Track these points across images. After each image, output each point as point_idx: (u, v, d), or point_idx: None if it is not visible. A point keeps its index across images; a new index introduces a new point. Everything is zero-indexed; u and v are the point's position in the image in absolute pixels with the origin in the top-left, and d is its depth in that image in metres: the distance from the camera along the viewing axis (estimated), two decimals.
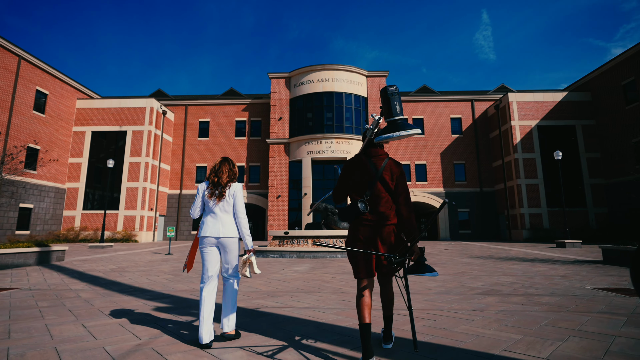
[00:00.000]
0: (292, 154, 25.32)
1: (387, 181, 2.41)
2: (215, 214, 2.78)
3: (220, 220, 2.76)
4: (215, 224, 2.75)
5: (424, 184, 27.15)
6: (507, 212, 25.28)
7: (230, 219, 2.80)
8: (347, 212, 2.39)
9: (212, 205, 2.78)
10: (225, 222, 2.77)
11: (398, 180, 2.44)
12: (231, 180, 2.85)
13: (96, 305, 4.34)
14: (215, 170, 2.83)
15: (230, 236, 2.76)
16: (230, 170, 2.86)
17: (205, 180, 2.91)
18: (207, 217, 2.80)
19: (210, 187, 2.80)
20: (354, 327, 3.25)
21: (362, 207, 2.32)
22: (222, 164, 2.86)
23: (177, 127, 28.37)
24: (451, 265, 9.08)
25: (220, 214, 2.78)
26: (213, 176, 2.82)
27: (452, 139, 27.79)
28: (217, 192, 2.77)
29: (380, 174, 2.41)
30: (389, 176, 2.42)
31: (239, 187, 2.87)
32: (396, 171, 2.46)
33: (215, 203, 2.77)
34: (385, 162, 2.46)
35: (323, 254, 11.45)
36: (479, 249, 15.37)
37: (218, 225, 2.74)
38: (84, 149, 24.43)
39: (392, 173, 2.44)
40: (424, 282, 6.29)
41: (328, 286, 6.02)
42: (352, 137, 24.55)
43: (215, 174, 2.82)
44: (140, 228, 23.40)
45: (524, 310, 3.93)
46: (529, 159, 24.17)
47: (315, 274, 7.65)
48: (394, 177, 2.44)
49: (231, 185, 2.84)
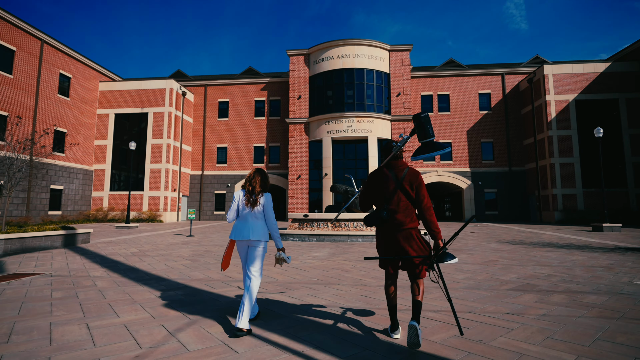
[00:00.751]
0: (311, 133, 24.82)
1: (407, 190, 2.71)
2: (247, 219, 3.14)
3: (250, 226, 3.10)
4: (246, 228, 3.09)
5: (448, 163, 26.10)
6: (537, 192, 24.00)
7: (259, 224, 3.13)
8: (372, 219, 2.70)
9: (245, 212, 3.15)
10: (255, 227, 3.09)
11: (417, 189, 2.71)
12: (263, 190, 3.18)
13: (108, 298, 4.23)
14: (249, 180, 3.17)
15: (257, 239, 3.08)
16: (262, 181, 3.17)
17: (241, 188, 3.29)
18: (240, 222, 3.17)
19: (246, 195, 3.15)
20: (376, 334, 2.91)
21: (384, 215, 2.65)
22: (255, 175, 3.18)
23: (197, 108, 28.35)
24: (479, 252, 8.56)
25: (251, 219, 3.13)
26: (248, 185, 3.16)
27: (479, 116, 26.32)
28: (251, 200, 3.12)
29: (401, 183, 2.72)
30: (408, 185, 2.72)
31: (269, 197, 3.21)
32: (415, 181, 2.73)
33: (249, 210, 3.14)
34: (405, 172, 2.74)
35: (343, 238, 11.17)
36: (507, 233, 14.64)
37: (248, 230, 3.08)
38: (108, 131, 24.91)
39: (412, 182, 2.73)
40: (452, 274, 5.87)
41: (348, 277, 5.71)
42: (374, 116, 23.68)
43: (250, 183, 3.16)
44: (164, 209, 23.96)
45: (569, 315, 3.46)
46: (564, 136, 22.55)
47: (335, 261, 7.37)
48: (413, 186, 2.71)
49: (263, 194, 3.16)
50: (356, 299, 4.18)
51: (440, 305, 3.83)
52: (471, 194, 25.69)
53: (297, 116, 25.23)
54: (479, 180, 25.73)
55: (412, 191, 2.72)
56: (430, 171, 25.94)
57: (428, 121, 2.57)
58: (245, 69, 29.65)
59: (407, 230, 2.69)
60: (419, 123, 2.58)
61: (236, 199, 3.19)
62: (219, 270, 6.32)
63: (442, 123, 26.45)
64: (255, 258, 3.10)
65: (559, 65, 23.27)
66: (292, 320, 3.30)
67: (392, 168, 2.83)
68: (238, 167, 27.41)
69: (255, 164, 27.33)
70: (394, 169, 2.82)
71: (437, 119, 26.50)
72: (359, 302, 4.02)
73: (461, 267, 6.50)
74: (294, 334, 2.91)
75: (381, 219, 2.66)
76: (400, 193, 2.73)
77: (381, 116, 23.86)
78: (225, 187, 27.32)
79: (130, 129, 25.24)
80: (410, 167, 2.84)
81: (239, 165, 27.42)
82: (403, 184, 2.73)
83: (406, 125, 24.28)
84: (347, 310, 3.66)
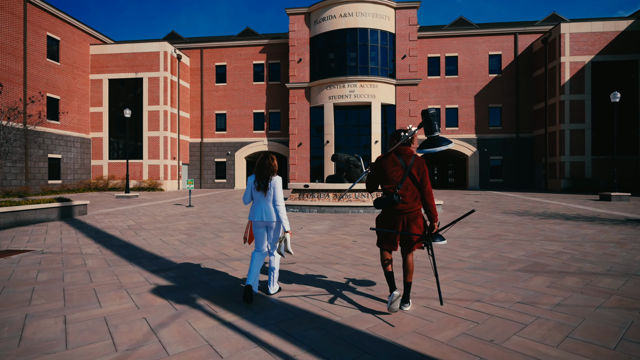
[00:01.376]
0: (313, 99, 23.93)
1: (414, 175, 2.93)
2: (261, 202, 3.36)
3: (265, 208, 3.34)
4: (262, 211, 3.34)
5: (454, 129, 25.34)
6: (545, 160, 23.45)
7: (271, 206, 3.35)
8: (383, 202, 2.91)
9: (258, 195, 3.37)
10: (268, 209, 3.34)
11: (422, 175, 2.94)
12: (272, 173, 3.34)
13: (95, 281, 4.01)
14: (258, 166, 3.37)
15: (272, 220, 3.35)
16: (270, 165, 3.33)
17: (253, 173, 3.45)
18: (256, 204, 3.40)
19: (256, 180, 3.36)
20: (377, 334, 2.66)
21: (396, 199, 2.86)
22: (263, 160, 3.35)
23: (193, 72, 27.23)
24: (484, 225, 8.31)
25: (264, 202, 3.36)
26: (257, 170, 3.35)
27: (488, 80, 25.15)
28: (262, 185, 3.32)
29: (409, 170, 2.91)
30: (415, 171, 2.93)
31: (278, 179, 3.38)
32: (422, 167, 2.95)
33: (261, 194, 3.34)
34: (412, 159, 2.94)
35: (344, 208, 10.93)
36: (512, 202, 14.37)
37: (264, 212, 3.34)
38: (102, 97, 24.12)
39: (419, 168, 2.94)
40: (457, 251, 5.62)
41: (348, 255, 5.48)
42: (378, 80, 22.64)
43: (259, 169, 3.34)
44: (164, 177, 23.75)
45: (587, 304, 3.19)
46: (577, 100, 21.58)
47: (335, 235, 7.14)
48: (419, 172, 2.94)
49: (272, 177, 3.33)
50: (357, 284, 3.93)
51: (445, 292, 3.57)
52: (476, 161, 25.19)
53: (298, 81, 24.21)
54: (484, 147, 25.11)
55: (418, 177, 2.95)
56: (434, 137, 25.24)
57: (435, 117, 2.72)
58: (242, 29, 28.10)
59: (414, 212, 2.97)
60: (427, 119, 2.74)
61: (249, 184, 3.44)
62: (215, 246, 6.11)
63: (449, 87, 25.35)
64: (275, 236, 3.46)
65: (577, 23, 21.77)
66: (286, 312, 3.05)
67: (400, 154, 3.00)
68: (238, 135, 26.81)
69: (255, 131, 26.70)
70: (402, 155, 3.00)
71: (444, 83, 25.37)
72: (360, 288, 3.78)
73: (466, 243, 6.25)
74: (287, 330, 2.66)
75: (392, 202, 2.89)
76: (408, 179, 2.95)
77: (385, 80, 22.82)
78: (225, 155, 26.92)
79: (125, 96, 24.42)
80: (416, 154, 3.03)
81: (239, 132, 26.81)
82: (411, 171, 2.94)
83: (411, 91, 23.32)
84: (346, 300, 3.42)
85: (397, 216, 2.94)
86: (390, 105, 23.53)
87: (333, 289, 3.72)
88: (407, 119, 23.24)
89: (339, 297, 3.44)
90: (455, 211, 11.35)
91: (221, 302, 3.29)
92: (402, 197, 2.92)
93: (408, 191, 2.94)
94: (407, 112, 23.28)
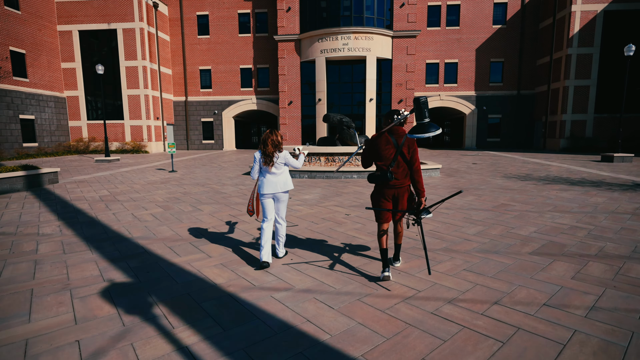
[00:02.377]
0: (303, 53, 22.22)
1: (405, 154, 3.16)
2: (269, 175, 3.52)
3: (272, 181, 3.52)
4: (270, 183, 3.51)
5: (452, 86, 24.10)
6: (545, 118, 22.64)
7: (281, 179, 3.55)
8: (377, 178, 3.13)
9: (266, 169, 3.53)
10: (278, 182, 3.53)
11: (412, 154, 3.16)
12: (276, 147, 3.48)
13: (38, 277, 3.35)
14: (263, 141, 3.48)
15: (281, 191, 3.55)
16: (273, 141, 3.47)
17: (259, 149, 3.56)
18: (264, 177, 3.55)
19: (262, 156, 3.50)
20: None
21: (389, 176, 3.07)
22: (267, 136, 3.48)
23: (172, 23, 24.89)
24: (487, 193, 7.73)
25: (271, 176, 3.52)
26: (262, 146, 3.48)
27: (491, 31, 23.46)
28: (268, 160, 3.46)
29: (401, 149, 3.12)
30: (406, 150, 3.16)
31: (284, 153, 3.55)
32: (412, 147, 3.18)
33: (268, 168, 3.51)
34: (404, 139, 3.15)
35: (337, 174, 10.24)
36: (511, 164, 13.81)
37: (273, 185, 3.51)
38: (74, 52, 22.07)
39: (409, 147, 3.16)
40: (462, 227, 5.05)
41: (340, 232, 4.88)
42: (374, 31, 20.90)
43: (264, 144, 3.47)
44: (148, 138, 22.56)
45: (628, 308, 2.63)
46: (584, 54, 20.30)
47: (326, 207, 6.51)
48: (410, 151, 3.16)
49: (279, 154, 3.51)
50: (349, 276, 3.34)
51: (456, 288, 2.99)
52: (474, 120, 24.29)
53: (287, 32, 22.30)
54: (483, 105, 24.09)
55: (409, 155, 3.14)
56: (432, 95, 24.10)
57: (426, 105, 2.81)
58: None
59: (404, 188, 3.20)
60: (418, 106, 2.82)
61: (257, 159, 3.56)
62: (191, 222, 5.46)
63: (449, 40, 23.67)
64: (281, 207, 3.67)
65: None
66: (260, 328, 2.44)
67: (393, 133, 3.17)
68: (224, 92, 25.24)
69: (242, 88, 25.11)
70: (394, 135, 3.16)
71: (444, 35, 23.64)
72: (355, 283, 3.18)
73: (470, 216, 5.67)
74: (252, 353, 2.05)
75: (387, 180, 3.07)
76: (399, 157, 3.14)
77: (381, 32, 21.09)
78: (212, 115, 25.54)
79: (99, 49, 22.39)
80: (407, 134, 3.06)
81: (225, 89, 25.20)
82: (402, 150, 3.12)
83: (409, 43, 21.71)
84: (331, 295, 2.82)
85: (389, 190, 3.18)
86: (386, 60, 22.02)
87: (323, 281, 3.12)
88: (404, 74, 21.89)
89: (329, 295, 2.84)
90: (453, 175, 10.75)
91: (183, 310, 2.67)
92: (394, 174, 3.13)
93: (399, 168, 3.14)
94: (404, 67, 21.86)
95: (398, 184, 3.15)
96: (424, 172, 10.50)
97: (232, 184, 9.47)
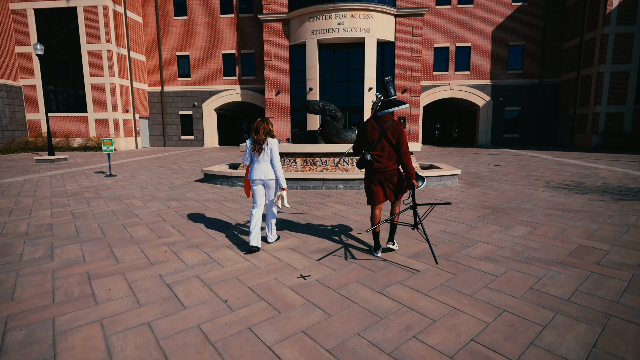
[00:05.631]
0: (292, 35, 19.26)
1: (389, 138, 3.27)
2: (259, 162, 3.67)
3: (262, 169, 3.65)
4: (260, 170, 3.65)
5: (464, 74, 21.05)
6: (573, 111, 19.58)
7: (269, 166, 3.68)
8: (360, 162, 3.33)
9: (255, 156, 3.67)
10: (267, 169, 3.67)
11: (398, 137, 3.26)
12: (266, 135, 3.62)
13: None
14: (255, 129, 3.62)
15: (270, 178, 3.69)
16: (265, 129, 3.61)
17: (250, 137, 3.70)
18: (254, 164, 3.71)
19: (252, 143, 3.63)
20: None
21: (369, 157, 3.27)
22: (259, 124, 3.64)
23: (145, 2, 21.94)
24: (540, 219, 4.80)
25: (262, 163, 3.66)
26: (253, 134, 3.63)
27: (510, 10, 20.35)
28: (257, 147, 3.60)
29: (385, 133, 3.27)
30: (391, 134, 3.27)
31: (274, 142, 3.66)
32: (397, 130, 3.27)
33: (257, 155, 3.64)
34: (389, 123, 3.29)
35: (317, 183, 7.38)
36: (545, 166, 10.87)
37: (262, 171, 3.65)
38: (30, 33, 19.28)
39: (394, 132, 3.27)
40: (529, 314, 2.16)
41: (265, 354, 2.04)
42: (373, 8, 17.89)
43: (255, 132, 3.61)
44: (116, 134, 19.76)
45: None
46: (624, 34, 17.18)
47: (272, 253, 3.60)
48: (395, 135, 3.26)
49: (268, 140, 3.62)
50: None
51: None
52: (488, 113, 21.25)
53: (273, 11, 19.33)
54: (500, 96, 21.04)
55: (394, 139, 3.26)
56: (441, 84, 21.07)
57: (390, 83, 3.21)
58: None
59: (390, 171, 3.32)
60: (384, 85, 3.22)
61: (248, 146, 3.68)
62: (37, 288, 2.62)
63: (462, 20, 20.59)
64: (271, 194, 3.77)
65: None
66: None
67: (379, 119, 3.33)
68: (205, 82, 22.34)
69: (225, 77, 22.19)
70: (380, 120, 3.33)
71: (455, 14, 20.56)
72: None
73: (544, 289, 2.75)
74: None
75: (367, 161, 3.29)
76: (384, 141, 3.29)
77: (383, 8, 18.07)
78: (191, 107, 22.67)
79: (58, 31, 19.55)
80: (394, 119, 3.30)
81: (206, 78, 22.30)
82: (387, 134, 3.27)
83: (414, 23, 18.68)
84: None
85: (376, 174, 3.33)
86: (389, 43, 19.00)
87: None
88: (409, 60, 18.87)
89: None
90: (477, 184, 7.84)
91: None
92: (378, 157, 3.29)
93: (384, 152, 3.28)
94: (409, 51, 18.84)
95: (382, 167, 3.29)
96: (438, 180, 7.61)
97: (165, 198, 6.63)
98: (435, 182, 7.61)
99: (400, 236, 4.15)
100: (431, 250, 3.27)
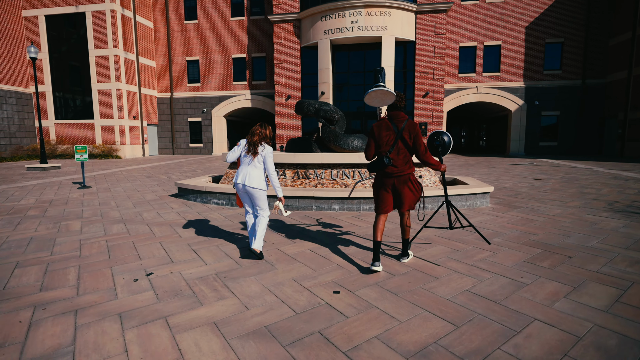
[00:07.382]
0: (304, 36, 18.05)
1: (406, 139, 3.05)
2: (246, 166, 3.40)
3: (247, 172, 3.36)
4: (243, 173, 3.38)
5: (494, 75, 19.03)
6: (623, 115, 17.10)
7: (256, 173, 3.36)
8: (374, 165, 3.07)
9: (246, 159, 3.43)
10: (252, 175, 3.34)
11: (415, 139, 3.04)
12: (262, 139, 3.40)
13: None
14: (251, 132, 3.42)
15: (253, 186, 3.33)
16: (261, 133, 3.39)
17: (246, 138, 3.47)
18: (241, 167, 3.45)
19: (247, 145, 3.42)
20: None
21: (387, 161, 2.99)
22: (257, 128, 3.42)
23: (156, 7, 21.52)
24: (622, 264, 3.03)
25: (249, 167, 3.38)
26: (249, 136, 3.42)
27: (547, 4, 18.24)
28: (251, 149, 3.38)
29: (401, 134, 3.03)
30: (407, 135, 3.04)
31: (269, 149, 3.41)
32: (413, 131, 3.04)
33: (249, 158, 3.40)
34: (404, 123, 3.05)
35: (305, 202, 5.88)
36: (597, 180, 8.84)
37: (245, 176, 3.36)
38: (41, 40, 19.14)
39: (410, 132, 3.04)
40: None
41: None
42: (391, 4, 16.38)
43: (251, 134, 3.41)
44: (122, 141, 19.15)
45: None
46: None
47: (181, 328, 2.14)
48: (411, 136, 3.04)
49: (265, 146, 3.40)
50: None
51: None
52: (522, 118, 19.06)
53: (284, 11, 18.23)
54: (535, 100, 18.82)
55: (410, 140, 3.04)
56: (467, 87, 19.13)
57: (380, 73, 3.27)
58: None
59: (405, 176, 3.07)
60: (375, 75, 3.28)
61: (241, 145, 3.47)
62: None
63: (491, 16, 18.67)
64: (257, 201, 3.43)
65: None
66: None
67: (393, 119, 3.10)
68: (214, 87, 21.50)
69: (235, 82, 21.26)
70: (394, 120, 3.10)
71: (483, 10, 18.69)
72: None
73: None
74: None
75: (384, 166, 3.00)
76: (399, 142, 3.05)
77: (402, 5, 16.52)
78: (200, 113, 21.86)
79: (68, 37, 19.32)
80: (409, 119, 3.10)
81: (216, 84, 21.46)
82: (403, 135, 3.04)
83: (437, 20, 17.02)
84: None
85: (388, 178, 3.08)
86: (409, 42, 17.39)
87: None
88: (431, 60, 17.16)
89: None
90: (515, 205, 6.05)
91: None
92: (393, 161, 3.03)
93: (400, 155, 3.05)
94: (431, 51, 17.13)
95: (397, 171, 3.06)
96: (463, 200, 5.89)
97: (115, 219, 5.33)
98: (460, 202, 5.90)
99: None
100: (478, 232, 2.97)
